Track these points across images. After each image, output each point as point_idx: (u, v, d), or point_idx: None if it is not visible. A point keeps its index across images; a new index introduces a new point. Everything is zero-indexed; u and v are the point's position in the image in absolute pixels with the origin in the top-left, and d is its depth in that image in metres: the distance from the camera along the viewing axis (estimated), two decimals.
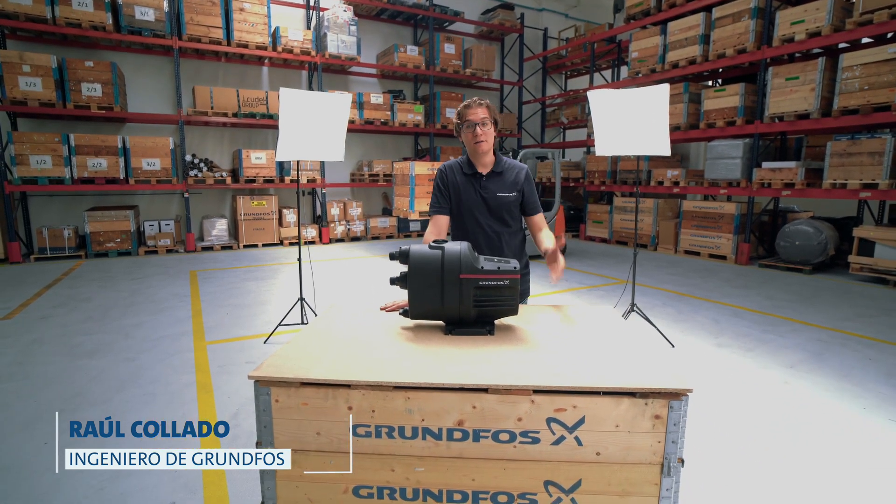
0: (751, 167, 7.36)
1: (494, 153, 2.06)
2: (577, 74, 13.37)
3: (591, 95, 3.53)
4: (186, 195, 8.45)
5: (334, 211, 9.80)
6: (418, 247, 1.51)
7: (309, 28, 9.75)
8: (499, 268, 1.46)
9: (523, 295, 2.12)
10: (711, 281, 6.26)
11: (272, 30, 9.01)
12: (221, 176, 8.67)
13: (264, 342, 3.89)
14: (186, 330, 4.23)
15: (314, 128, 3.49)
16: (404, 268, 1.53)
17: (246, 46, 8.62)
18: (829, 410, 2.80)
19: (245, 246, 8.92)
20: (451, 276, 1.45)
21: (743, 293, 5.59)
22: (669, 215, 8.98)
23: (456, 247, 1.49)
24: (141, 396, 2.95)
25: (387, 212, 10.95)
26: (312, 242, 9.58)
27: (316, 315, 4.16)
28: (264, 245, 9.09)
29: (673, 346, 3.79)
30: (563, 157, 13.45)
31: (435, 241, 1.52)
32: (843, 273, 6.70)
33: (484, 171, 2.04)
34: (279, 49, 8.91)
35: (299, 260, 4.09)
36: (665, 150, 3.40)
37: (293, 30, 9.03)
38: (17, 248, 7.39)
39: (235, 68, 9.45)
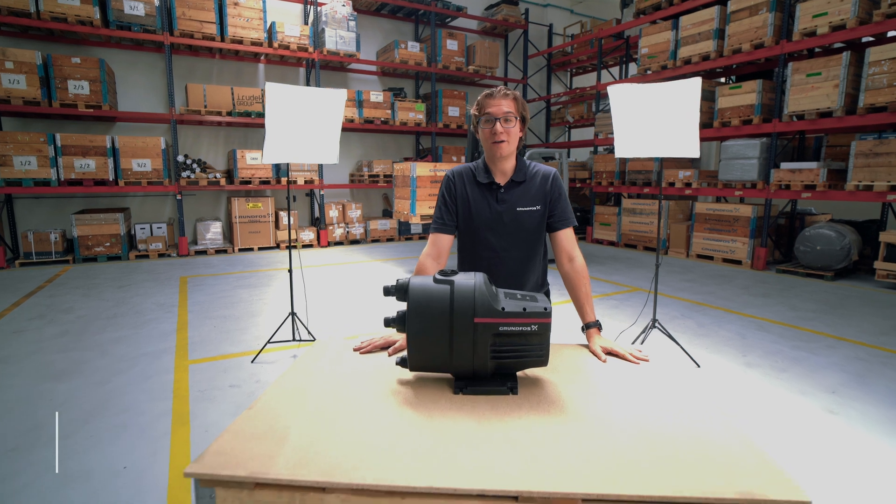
0: (768, 168, 7.02)
1: (517, 158, 1.69)
2: (583, 72, 13.02)
3: (612, 91, 3.19)
4: (179, 197, 8.13)
5: (332, 213, 9.47)
6: (420, 280, 1.18)
7: (306, 23, 9.42)
8: (524, 309, 1.13)
9: None
10: (729, 288, 5.92)
11: (268, 25, 8.69)
12: (215, 177, 8.35)
13: (252, 361, 3.56)
14: (169, 346, 3.90)
15: (305, 127, 3.16)
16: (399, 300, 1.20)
17: (240, 42, 8.29)
18: (889, 450, 2.47)
19: (240, 249, 8.60)
20: (463, 320, 1.12)
21: (764, 302, 5.25)
22: (681, 217, 8.64)
23: (469, 280, 1.16)
24: (109, 430, 2.62)
25: (387, 214, 10.63)
26: (310, 245, 9.26)
27: (308, 331, 3.83)
28: (260, 249, 8.77)
29: (699, 366, 3.46)
30: (569, 156, 13.11)
31: (441, 273, 1.19)
32: (867, 280, 6.36)
33: (502, 179, 1.66)
34: (275, 45, 8.58)
35: (290, 271, 3.76)
36: (694, 151, 3.06)
37: (290, 25, 8.70)
38: (0, 252, 7.07)
39: (230, 65, 9.12)
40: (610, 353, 1.43)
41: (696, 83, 2.99)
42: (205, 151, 9.02)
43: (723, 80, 8.69)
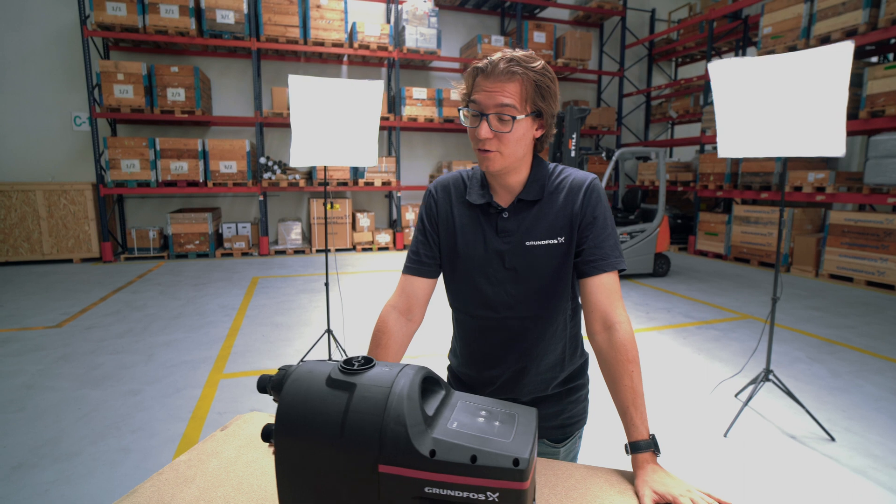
0: None
1: (533, 164, 1.06)
2: (690, 61, 11.58)
3: (714, 69, 2.41)
4: (261, 198, 8.38)
5: (409, 215, 9.24)
6: (307, 373, 0.69)
7: (388, 22, 9.28)
8: (473, 458, 0.59)
9: (575, 425, 1.17)
10: (876, 322, 4.66)
11: (349, 26, 8.66)
12: (294, 178, 8.48)
13: None
14: (211, 355, 3.79)
15: (336, 124, 2.80)
16: None
17: (322, 44, 8.34)
18: None
19: (317, 251, 8.67)
20: (360, 465, 0.61)
21: None
22: (809, 229, 7.20)
23: (381, 385, 0.64)
24: (113, 453, 2.45)
25: None
26: (386, 248, 9.12)
27: (343, 351, 3.49)
28: (337, 250, 8.78)
29: (833, 438, 2.56)
30: (671, 156, 11.77)
31: (345, 367, 0.68)
32: None
33: (506, 199, 1.06)
34: (355, 45, 8.52)
35: (326, 284, 3.44)
36: (837, 148, 2.20)
37: (370, 24, 8.59)
38: (109, 247, 7.72)
39: (315, 68, 9.25)
40: None
41: (846, 48, 2.13)
42: (288, 153, 9.24)
43: (874, 59, 7.07)
